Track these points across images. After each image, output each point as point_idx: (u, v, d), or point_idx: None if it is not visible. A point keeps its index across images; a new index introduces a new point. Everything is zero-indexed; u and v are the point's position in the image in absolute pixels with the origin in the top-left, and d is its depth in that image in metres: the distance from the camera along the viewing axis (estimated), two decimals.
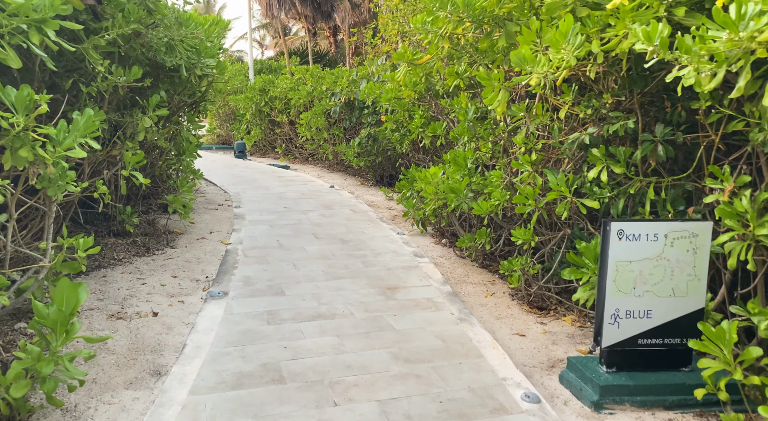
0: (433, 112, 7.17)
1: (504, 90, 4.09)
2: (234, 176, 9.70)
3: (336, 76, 11.09)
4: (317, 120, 10.66)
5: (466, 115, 4.92)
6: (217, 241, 5.51)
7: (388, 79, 7.81)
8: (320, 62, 13.92)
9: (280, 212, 6.99)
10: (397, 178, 9.91)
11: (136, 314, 3.57)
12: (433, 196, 5.56)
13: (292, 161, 12.40)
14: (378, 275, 4.56)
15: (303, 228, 6.12)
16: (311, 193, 8.43)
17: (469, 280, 4.81)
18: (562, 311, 4.13)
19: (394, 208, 7.87)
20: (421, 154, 8.13)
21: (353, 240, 5.66)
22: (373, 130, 9.34)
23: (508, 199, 4.39)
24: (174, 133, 5.76)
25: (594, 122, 3.89)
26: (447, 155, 5.91)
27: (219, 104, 14.33)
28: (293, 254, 5.07)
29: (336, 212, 7.11)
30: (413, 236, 6.24)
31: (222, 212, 6.93)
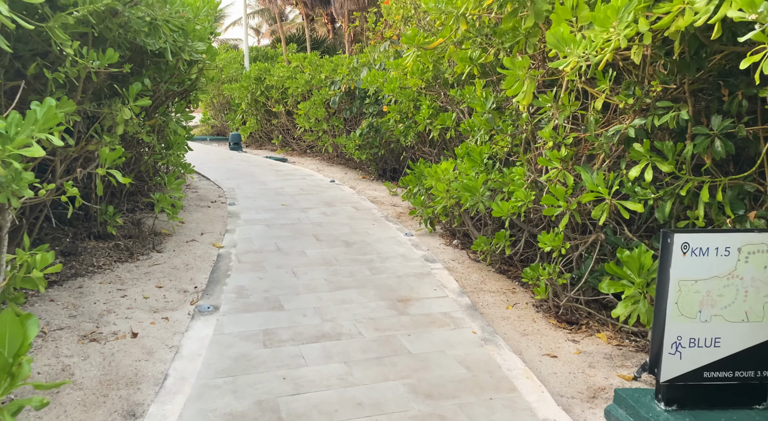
0: (442, 103, 6.68)
1: (530, 79, 3.61)
2: (228, 170, 9.20)
3: (335, 64, 10.56)
4: (316, 110, 10.15)
5: (483, 105, 4.43)
6: (209, 243, 5.03)
7: (391, 66, 7.31)
8: (318, 50, 13.37)
9: (277, 209, 6.51)
10: (401, 172, 9.43)
11: (112, 334, 3.11)
12: (445, 194, 5.09)
13: (290, 154, 11.90)
14: (387, 284, 4.10)
15: (303, 228, 5.65)
16: (310, 188, 7.94)
17: (487, 288, 4.35)
18: (595, 326, 3.68)
19: (398, 204, 7.40)
20: (428, 147, 7.65)
21: (358, 242, 5.19)
22: (375, 120, 8.84)
23: (533, 199, 3.92)
24: (161, 125, 5.26)
25: (636, 113, 3.42)
26: (459, 149, 5.46)
27: (213, 94, 13.78)
28: (292, 259, 4.60)
29: (337, 209, 6.64)
30: (421, 235, 5.77)
31: (215, 209, 6.45)
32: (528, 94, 3.62)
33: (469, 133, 5.62)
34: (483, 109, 4.39)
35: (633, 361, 3.22)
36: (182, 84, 5.86)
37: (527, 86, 3.58)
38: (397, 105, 7.44)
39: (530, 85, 3.59)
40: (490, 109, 4.38)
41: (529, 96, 3.63)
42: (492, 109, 4.39)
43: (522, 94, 3.63)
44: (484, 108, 4.38)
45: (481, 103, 4.40)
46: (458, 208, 5.33)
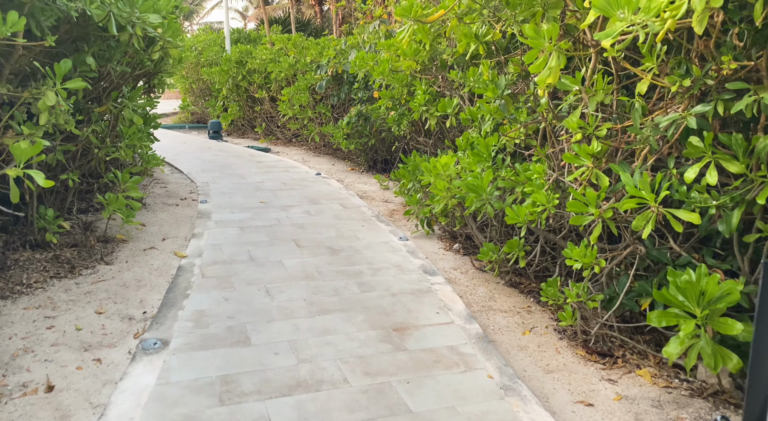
0: (440, 87, 5.95)
1: (558, 53, 2.89)
2: (205, 161, 8.43)
3: (322, 46, 9.77)
4: (301, 96, 9.36)
5: (494, 89, 3.70)
6: (170, 252, 4.30)
7: (383, 47, 6.55)
8: (304, 32, 12.53)
9: (255, 208, 5.78)
10: (392, 164, 8.72)
11: (20, 387, 2.39)
12: (445, 193, 4.39)
13: (274, 143, 11.12)
14: (379, 305, 3.40)
15: (282, 231, 4.93)
16: (294, 182, 7.20)
17: (497, 305, 3.68)
18: (633, 359, 3.02)
19: (390, 200, 6.69)
20: (423, 137, 6.93)
21: (345, 249, 4.49)
22: (365, 107, 8.09)
23: (557, 204, 3.23)
24: (115, 113, 4.48)
25: (692, 98, 2.72)
26: (460, 140, 4.75)
27: (192, 78, 12.91)
28: (267, 273, 3.88)
29: (323, 207, 5.91)
30: (417, 238, 5.08)
31: (183, 208, 5.70)
32: (555, 71, 2.91)
33: (472, 123, 4.93)
34: (494, 93, 3.67)
35: (690, 410, 2.56)
36: (141, 66, 5.07)
37: (555, 61, 2.87)
38: (388, 90, 6.69)
39: (559, 61, 2.87)
40: (502, 95, 3.66)
41: (555, 74, 2.92)
42: (505, 95, 3.67)
43: (547, 72, 2.92)
44: (496, 93, 3.66)
45: (492, 88, 3.67)
46: (460, 208, 4.64)
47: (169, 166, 7.97)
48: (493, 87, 3.62)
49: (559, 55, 2.90)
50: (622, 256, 3.15)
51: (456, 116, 5.49)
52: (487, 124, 3.93)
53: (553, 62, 2.90)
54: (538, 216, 3.30)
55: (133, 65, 4.96)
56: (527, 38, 2.96)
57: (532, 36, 2.94)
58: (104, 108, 4.35)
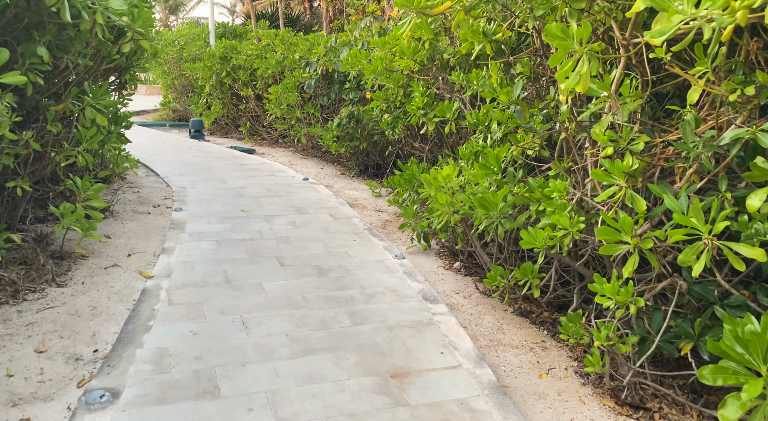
0: (439, 90, 5.50)
1: (590, 57, 2.45)
2: (183, 164, 7.88)
3: (311, 43, 9.27)
4: (288, 95, 8.85)
5: (509, 93, 3.24)
6: (135, 271, 3.78)
7: (377, 45, 6.09)
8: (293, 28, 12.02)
9: (235, 218, 5.27)
10: (384, 169, 8.25)
11: None
12: (447, 207, 3.93)
13: (259, 144, 10.59)
14: (374, 342, 2.93)
15: (264, 246, 4.43)
16: (279, 188, 6.70)
17: (507, 339, 3.23)
18: (673, 415, 2.59)
19: (383, 209, 6.22)
20: (419, 143, 6.47)
21: (335, 268, 4.00)
22: (357, 109, 7.61)
23: (582, 228, 2.79)
24: (76, 112, 3.95)
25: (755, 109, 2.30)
26: (464, 149, 4.31)
27: (174, 74, 12.32)
28: (244, 299, 3.39)
29: (310, 218, 5.42)
30: (414, 254, 4.62)
31: (156, 217, 5.17)
32: (585, 78, 2.46)
33: (476, 129, 4.48)
34: (508, 98, 3.21)
35: None
36: (108, 59, 4.55)
37: (586, 67, 2.42)
38: (382, 91, 6.22)
39: (590, 66, 2.43)
40: (518, 100, 3.20)
41: (586, 81, 2.46)
42: (520, 99, 3.21)
43: (576, 78, 2.47)
44: (510, 97, 3.20)
45: (506, 91, 3.21)
46: (463, 224, 4.19)
47: (144, 168, 7.42)
48: (507, 91, 3.16)
49: (590, 60, 2.45)
50: (656, 290, 2.72)
51: (456, 122, 5.04)
52: (497, 133, 3.47)
53: (583, 68, 2.44)
54: (558, 241, 2.85)
55: (99, 59, 4.43)
56: (552, 39, 2.50)
57: (558, 36, 2.48)
58: (62, 106, 3.82)
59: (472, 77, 4.62)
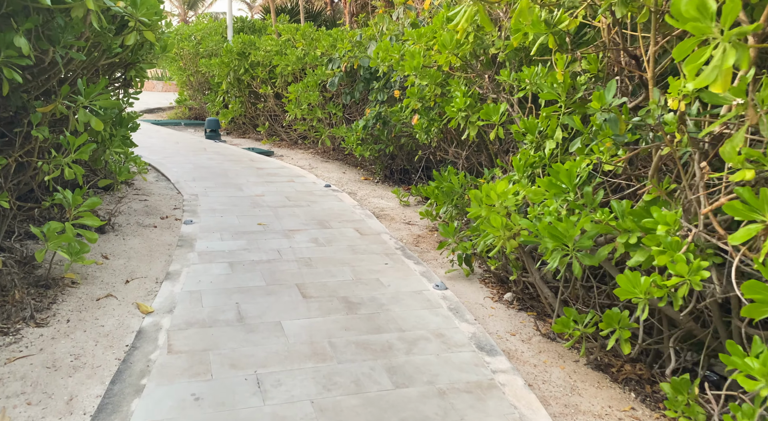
0: (482, 89, 4.84)
1: (737, 47, 1.78)
2: (197, 167, 7.32)
3: (334, 38, 8.65)
4: (309, 94, 8.25)
5: (602, 98, 2.55)
6: (132, 303, 3.20)
7: (411, 37, 5.44)
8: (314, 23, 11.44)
9: (251, 233, 4.67)
10: (412, 175, 7.60)
11: None
12: (502, 231, 3.29)
13: (278, 145, 10.01)
14: (424, 417, 2.30)
15: (283, 271, 3.83)
16: (300, 196, 6.10)
17: (585, 403, 2.57)
18: None
19: (413, 221, 5.58)
20: (455, 148, 5.81)
21: (365, 302, 3.38)
22: (384, 109, 6.98)
23: (706, 277, 2.12)
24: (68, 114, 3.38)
25: None
26: (518, 159, 3.68)
27: (190, 71, 11.81)
28: (259, 345, 2.78)
29: (335, 233, 4.81)
30: (454, 280, 3.97)
31: (162, 232, 4.60)
32: (726, 75, 1.79)
33: (523, 137, 3.84)
34: (601, 103, 2.53)
35: None
36: (108, 53, 3.97)
37: (732, 57, 1.75)
38: (415, 89, 5.58)
39: (739, 56, 1.76)
40: (612, 106, 2.52)
41: (726, 78, 1.80)
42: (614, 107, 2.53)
43: (713, 73, 1.80)
44: (603, 102, 2.52)
45: (600, 96, 2.53)
46: (519, 249, 3.53)
47: (154, 172, 6.88)
48: (600, 95, 2.48)
49: (737, 50, 1.78)
50: None
51: (503, 126, 4.38)
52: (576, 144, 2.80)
53: (728, 60, 1.78)
54: (669, 292, 2.19)
55: (99, 52, 3.86)
56: (682, 21, 1.84)
57: (692, 17, 1.81)
58: (50, 108, 3.24)
59: (525, 75, 3.97)
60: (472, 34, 4.62)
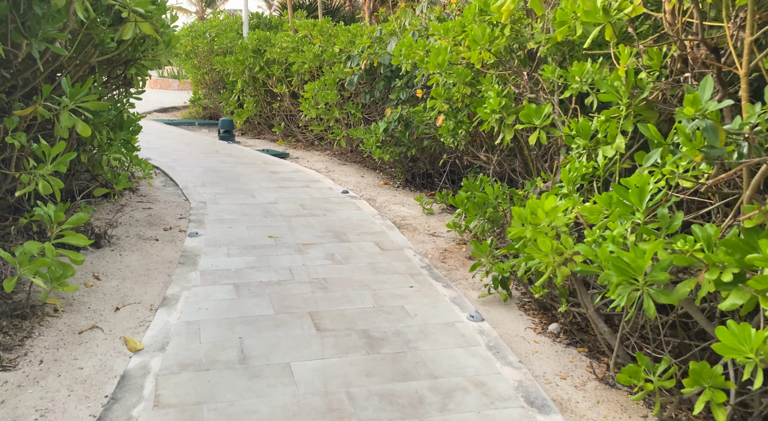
0: (518, 88, 4.32)
1: None
2: (208, 170, 6.92)
3: (353, 34, 8.19)
4: (327, 93, 7.80)
5: (697, 101, 2.02)
6: (120, 337, 2.77)
7: (438, 32, 4.94)
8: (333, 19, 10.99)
9: (261, 247, 4.23)
10: (435, 179, 7.10)
11: None
12: (551, 257, 2.79)
13: (294, 146, 9.59)
14: None
15: (295, 295, 3.37)
16: (315, 204, 5.65)
17: None
18: None
19: (438, 232, 5.09)
20: (485, 152, 5.30)
21: (389, 337, 2.90)
22: (407, 109, 6.49)
23: None
24: (49, 117, 2.96)
25: None
26: (568, 171, 3.18)
27: (205, 69, 11.45)
28: (264, 397, 2.32)
29: (353, 248, 4.34)
30: (490, 305, 3.48)
31: (164, 246, 4.18)
32: None
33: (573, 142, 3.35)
34: (695, 108, 2.00)
35: None
36: (101, 48, 3.55)
37: None
38: (442, 89, 5.08)
39: None
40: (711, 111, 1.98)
41: None
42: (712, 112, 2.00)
43: None
44: (698, 106, 1.98)
45: (694, 98, 1.99)
46: (573, 277, 3.02)
47: (162, 176, 6.49)
48: (695, 97, 1.96)
49: None
50: None
51: (545, 130, 3.86)
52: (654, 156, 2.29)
53: None
54: None
55: (91, 48, 3.45)
56: None
57: None
58: (30, 111, 2.82)
59: (574, 72, 3.46)
60: (508, 26, 4.11)
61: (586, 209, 2.78)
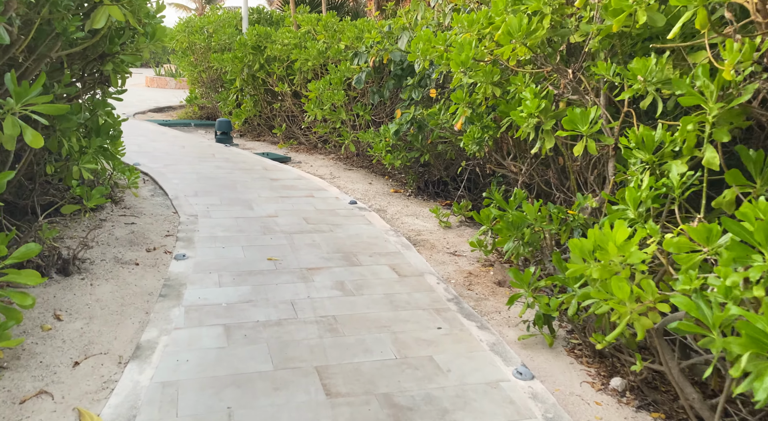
0: (558, 88, 3.70)
1: None
2: (202, 178, 6.30)
3: (360, 30, 7.57)
4: (333, 93, 7.18)
5: None
6: (72, 408, 2.16)
7: (461, 24, 4.32)
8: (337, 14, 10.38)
9: (259, 273, 3.62)
10: (451, 187, 6.49)
11: None
12: (628, 306, 2.19)
13: (296, 149, 8.97)
14: None
15: (298, 342, 2.76)
16: (320, 217, 5.04)
17: None
18: None
19: (460, 250, 4.48)
20: (512, 160, 4.68)
21: (419, 406, 2.28)
22: (421, 111, 5.88)
23: None
24: None
25: None
26: (632, 188, 2.60)
27: (202, 67, 10.83)
28: None
29: (365, 274, 3.73)
30: (532, 349, 2.87)
31: (144, 272, 3.57)
32: None
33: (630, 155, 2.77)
34: None
35: None
36: (62, 39, 2.95)
37: None
38: (463, 92, 4.47)
39: None
40: None
41: None
42: None
43: None
44: None
45: None
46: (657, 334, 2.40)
47: (151, 184, 5.89)
48: None
49: None
50: None
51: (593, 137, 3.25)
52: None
53: None
54: None
55: (52, 38, 2.84)
56: None
57: None
58: None
59: (637, 69, 2.85)
60: (548, 17, 3.49)
61: (672, 244, 2.18)
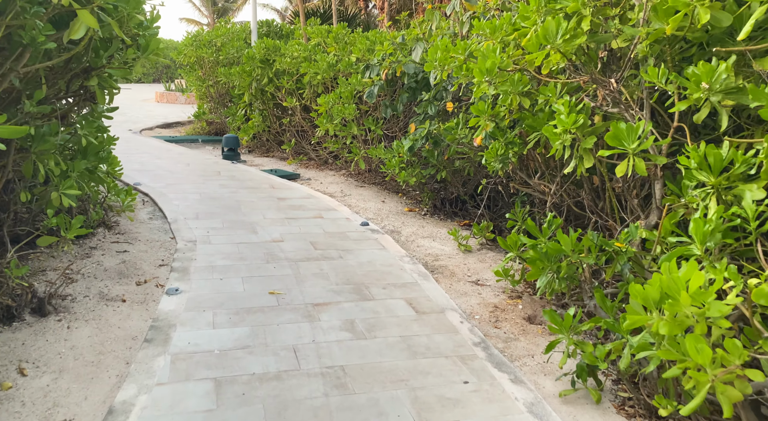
0: (596, 101, 3.28)
1: None
2: (204, 198, 5.94)
3: (371, 42, 7.22)
4: (344, 108, 6.83)
5: None
6: None
7: (483, 31, 3.92)
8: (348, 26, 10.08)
9: (258, 311, 3.22)
10: (469, 205, 6.07)
11: None
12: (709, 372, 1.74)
13: (305, 165, 8.62)
14: None
15: (300, 404, 2.33)
16: (329, 242, 4.63)
17: None
18: None
19: (483, 278, 4.04)
20: (538, 179, 4.24)
21: None
22: (437, 125, 5.48)
23: None
24: None
25: None
26: (700, 220, 2.15)
27: (210, 81, 10.57)
28: None
29: (379, 311, 3.31)
30: (572, 403, 2.41)
31: (130, 311, 3.18)
32: None
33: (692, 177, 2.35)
34: None
35: None
36: (40, 52, 2.60)
37: None
38: (484, 104, 4.07)
39: None
40: None
41: None
42: None
43: None
44: None
45: None
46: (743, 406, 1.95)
47: (151, 206, 5.54)
48: None
49: None
50: None
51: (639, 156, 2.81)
52: None
53: None
54: None
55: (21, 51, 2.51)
56: None
57: None
58: None
59: (700, 76, 2.44)
60: (587, 18, 3.07)
61: (764, 295, 1.74)
